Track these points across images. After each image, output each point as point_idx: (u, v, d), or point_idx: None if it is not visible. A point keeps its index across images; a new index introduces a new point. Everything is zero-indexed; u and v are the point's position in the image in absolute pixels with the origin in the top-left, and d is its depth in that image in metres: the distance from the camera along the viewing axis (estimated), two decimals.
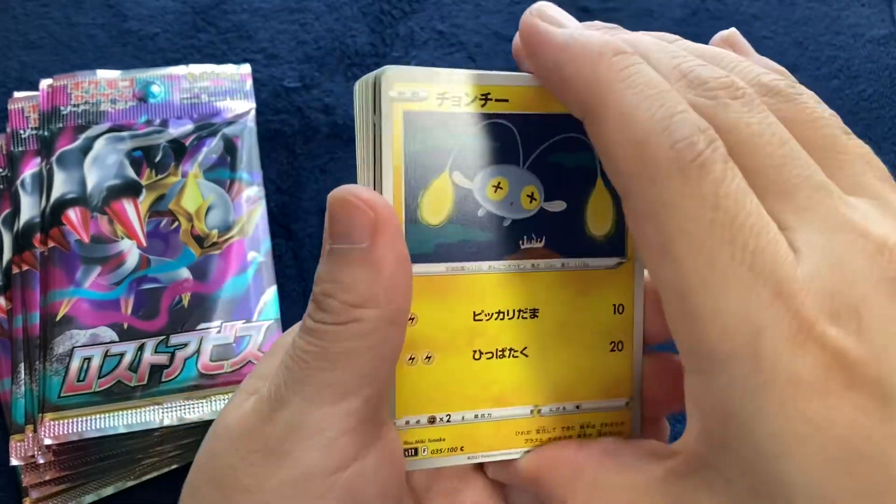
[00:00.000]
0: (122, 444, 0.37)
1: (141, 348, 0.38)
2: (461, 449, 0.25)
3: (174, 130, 0.43)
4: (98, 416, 0.37)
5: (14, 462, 0.36)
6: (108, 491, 0.37)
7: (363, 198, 0.21)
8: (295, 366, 0.21)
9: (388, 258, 0.21)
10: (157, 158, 0.42)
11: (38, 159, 0.41)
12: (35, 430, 0.36)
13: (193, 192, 0.41)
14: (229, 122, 0.43)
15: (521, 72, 0.24)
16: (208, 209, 0.41)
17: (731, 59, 0.22)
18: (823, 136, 0.21)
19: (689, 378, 0.20)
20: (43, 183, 0.41)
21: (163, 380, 0.38)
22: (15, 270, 0.39)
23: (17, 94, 0.44)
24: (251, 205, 0.42)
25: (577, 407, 0.26)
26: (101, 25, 0.48)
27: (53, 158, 0.41)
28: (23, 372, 0.38)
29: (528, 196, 0.24)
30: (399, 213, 0.23)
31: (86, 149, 0.41)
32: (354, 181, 0.24)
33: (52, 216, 0.40)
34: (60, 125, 0.42)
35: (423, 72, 0.23)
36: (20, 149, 0.42)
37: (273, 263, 0.42)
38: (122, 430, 0.37)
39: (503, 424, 0.25)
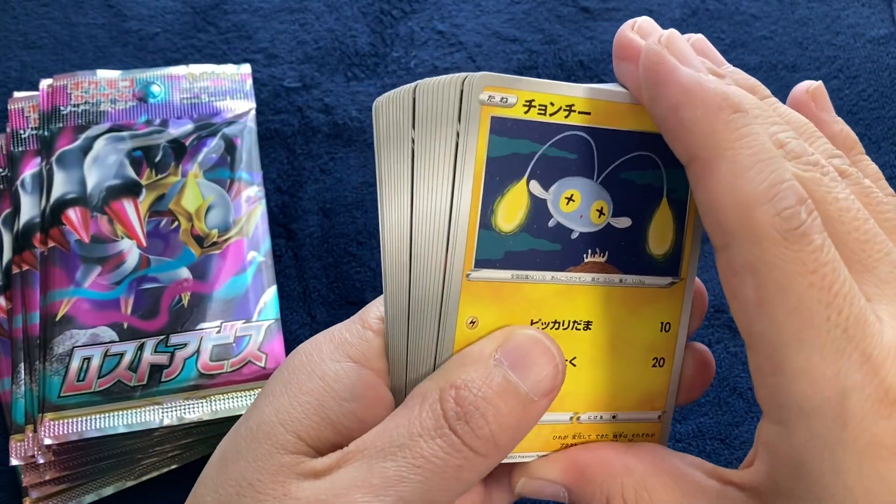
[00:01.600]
0: (121, 444, 0.37)
1: (141, 348, 0.38)
2: None
3: (174, 130, 0.43)
4: (98, 415, 0.37)
5: (14, 462, 0.36)
6: (108, 491, 0.37)
7: (559, 354, 0.23)
8: (410, 469, 0.21)
9: (537, 418, 0.23)
10: (157, 158, 0.42)
11: (38, 159, 0.41)
12: (35, 430, 0.36)
13: (193, 191, 0.41)
14: (229, 122, 0.43)
15: (609, 85, 0.24)
16: (208, 209, 0.41)
17: (810, 131, 0.24)
18: (886, 220, 0.23)
19: (766, 425, 0.21)
20: (43, 183, 0.41)
21: (163, 380, 0.38)
22: (15, 270, 0.39)
23: (17, 94, 0.44)
24: (251, 205, 0.42)
25: (614, 417, 0.26)
26: (101, 25, 0.48)
27: (53, 158, 0.41)
28: (23, 372, 0.38)
29: (597, 210, 0.25)
30: (473, 217, 0.23)
31: (86, 149, 0.41)
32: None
33: (52, 216, 0.40)
34: (60, 125, 0.42)
35: (511, 78, 0.23)
36: (20, 149, 0.42)
37: (273, 263, 0.42)
38: (121, 430, 0.37)
39: (542, 427, 0.25)
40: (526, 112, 0.23)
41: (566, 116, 0.23)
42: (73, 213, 0.40)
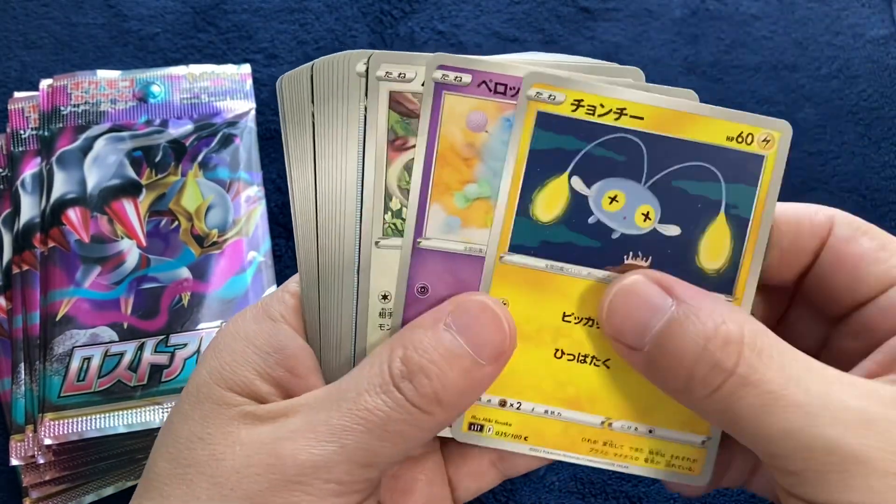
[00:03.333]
0: (122, 444, 0.37)
1: (141, 348, 0.38)
2: (525, 439, 0.26)
3: (174, 130, 0.43)
4: (98, 415, 0.37)
5: (14, 462, 0.36)
6: (108, 491, 0.37)
7: (509, 321, 0.24)
8: (354, 420, 0.22)
9: (487, 381, 0.24)
10: (157, 158, 0.42)
11: (39, 159, 0.41)
12: (35, 430, 0.36)
13: (193, 191, 0.41)
14: (229, 122, 0.43)
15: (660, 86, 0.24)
16: (208, 209, 0.41)
17: None
18: None
19: None
20: (43, 183, 0.41)
21: (163, 380, 0.38)
22: (15, 270, 0.39)
23: (17, 94, 0.44)
24: (251, 205, 0.42)
25: (650, 431, 0.26)
26: (101, 25, 0.48)
27: (53, 158, 0.41)
28: (23, 372, 0.38)
29: (643, 214, 0.25)
30: (511, 204, 0.24)
31: (86, 149, 0.41)
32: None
33: (52, 216, 0.40)
34: (60, 125, 0.42)
35: (562, 77, 0.23)
36: (20, 149, 0.42)
37: (273, 263, 0.42)
38: (122, 430, 0.37)
39: (571, 427, 0.26)
40: (574, 111, 0.24)
41: (616, 119, 0.24)
42: (73, 213, 0.40)
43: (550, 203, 0.24)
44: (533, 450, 0.26)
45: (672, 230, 0.25)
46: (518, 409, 0.25)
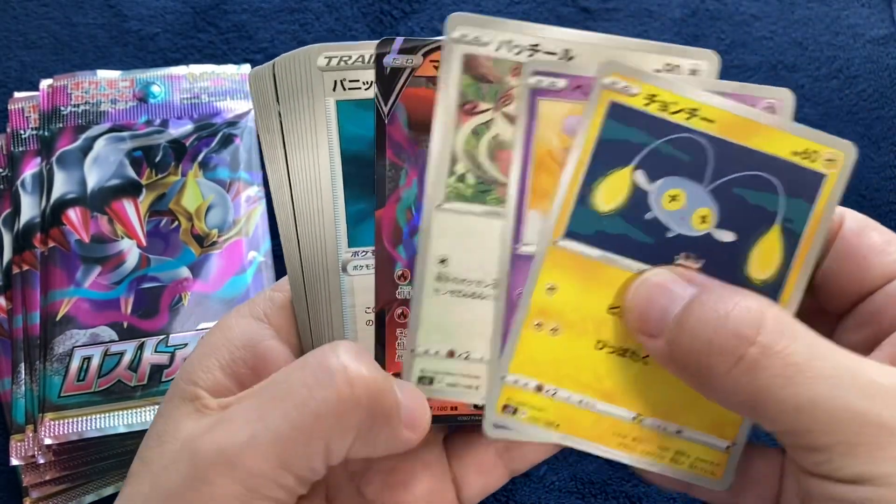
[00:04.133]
0: (122, 444, 0.37)
1: (141, 348, 0.38)
2: (557, 426, 0.26)
3: (174, 130, 0.43)
4: (98, 415, 0.37)
5: (14, 462, 0.36)
6: (108, 491, 0.37)
7: (423, 422, 0.24)
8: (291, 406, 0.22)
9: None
10: (158, 158, 0.42)
11: (39, 159, 0.41)
12: (35, 430, 0.36)
13: (193, 191, 0.41)
14: (229, 122, 0.43)
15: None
16: (208, 208, 0.41)
17: None
18: None
19: None
20: (43, 183, 0.41)
21: (163, 380, 0.38)
22: (15, 270, 0.39)
23: (17, 94, 0.44)
24: (251, 205, 0.42)
25: (679, 432, 0.26)
26: (101, 25, 0.48)
27: (54, 158, 0.41)
28: (23, 372, 0.38)
29: (700, 217, 0.25)
30: (572, 189, 0.24)
31: (86, 149, 0.41)
32: None
33: (53, 216, 0.40)
34: (60, 125, 0.42)
35: (639, 70, 0.24)
36: (20, 149, 0.42)
37: (273, 263, 0.42)
38: (122, 430, 0.37)
39: (603, 419, 0.26)
40: (646, 105, 0.24)
41: (687, 118, 0.24)
42: (73, 213, 0.40)
43: (611, 194, 0.24)
44: (563, 438, 0.26)
45: (727, 236, 0.25)
46: (553, 395, 0.26)
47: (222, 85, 0.45)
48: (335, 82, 0.25)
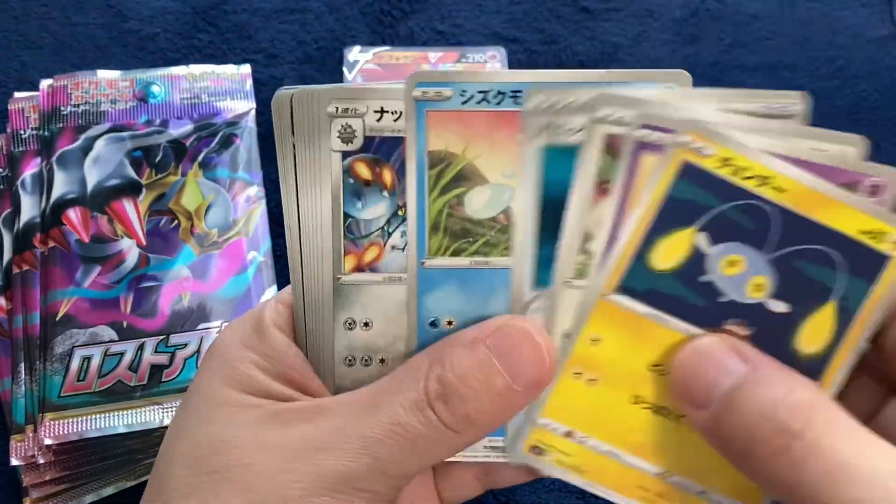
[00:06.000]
0: (122, 444, 0.37)
1: (141, 348, 0.38)
2: (582, 472, 0.26)
3: (174, 130, 0.43)
4: (98, 415, 0.37)
5: (14, 462, 0.36)
6: (108, 491, 0.37)
7: (549, 353, 0.24)
8: (387, 433, 0.23)
9: (521, 406, 0.24)
10: (158, 158, 0.42)
11: (39, 159, 0.41)
12: (35, 430, 0.36)
13: (193, 190, 0.41)
14: (229, 123, 0.43)
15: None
16: (208, 208, 0.41)
17: None
18: None
19: None
20: (43, 183, 0.41)
21: (163, 380, 0.38)
22: (15, 270, 0.39)
23: (17, 94, 0.44)
24: (251, 205, 0.42)
25: (702, 492, 0.26)
26: (101, 25, 0.48)
27: (54, 158, 0.41)
28: (23, 372, 0.38)
29: (756, 285, 0.24)
30: (631, 245, 0.24)
31: (86, 149, 0.41)
32: None
33: (53, 216, 0.40)
34: (61, 125, 0.42)
35: (718, 133, 0.23)
36: (20, 149, 0.42)
37: (273, 263, 0.42)
38: (122, 430, 0.37)
39: (629, 471, 0.26)
40: (719, 168, 0.23)
41: (758, 185, 0.23)
42: (73, 213, 0.40)
43: (670, 253, 0.24)
44: (587, 484, 0.26)
45: (780, 307, 0.24)
46: (582, 442, 0.26)
47: (222, 85, 0.45)
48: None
